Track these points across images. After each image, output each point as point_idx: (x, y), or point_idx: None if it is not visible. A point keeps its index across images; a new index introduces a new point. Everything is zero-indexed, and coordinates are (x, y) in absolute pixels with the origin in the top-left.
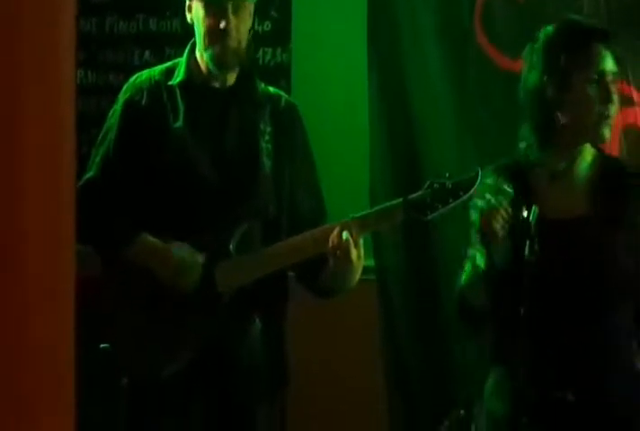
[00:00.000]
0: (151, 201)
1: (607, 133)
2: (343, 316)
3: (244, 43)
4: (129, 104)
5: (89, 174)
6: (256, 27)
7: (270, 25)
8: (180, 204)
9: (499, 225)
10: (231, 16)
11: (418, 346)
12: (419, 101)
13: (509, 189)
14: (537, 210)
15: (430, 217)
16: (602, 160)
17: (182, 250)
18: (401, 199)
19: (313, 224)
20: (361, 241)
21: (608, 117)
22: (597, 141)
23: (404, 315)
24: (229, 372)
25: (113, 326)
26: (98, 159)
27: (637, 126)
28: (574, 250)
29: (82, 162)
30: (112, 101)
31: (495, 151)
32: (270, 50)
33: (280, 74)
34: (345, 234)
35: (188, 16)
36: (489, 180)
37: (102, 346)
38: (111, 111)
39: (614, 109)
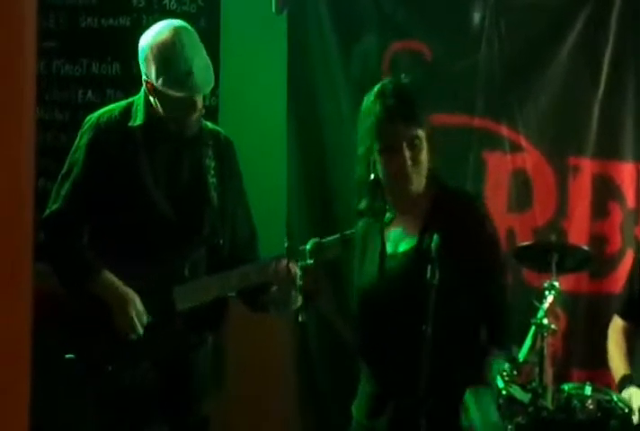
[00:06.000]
0: (112, 232)
1: (414, 187)
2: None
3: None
4: (94, 143)
5: (54, 206)
6: None
7: None
8: (138, 235)
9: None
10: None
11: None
12: (332, 146)
13: None
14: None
15: None
16: (438, 197)
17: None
18: (338, 235)
19: (248, 247)
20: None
21: (406, 175)
22: (407, 195)
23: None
24: (186, 377)
25: (79, 338)
26: (63, 192)
27: (525, 169)
28: (400, 277)
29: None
30: (58, 134)
31: None
32: None
33: (210, 116)
34: (292, 266)
35: (144, 65)
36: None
37: (67, 356)
38: (74, 147)
39: (413, 169)
